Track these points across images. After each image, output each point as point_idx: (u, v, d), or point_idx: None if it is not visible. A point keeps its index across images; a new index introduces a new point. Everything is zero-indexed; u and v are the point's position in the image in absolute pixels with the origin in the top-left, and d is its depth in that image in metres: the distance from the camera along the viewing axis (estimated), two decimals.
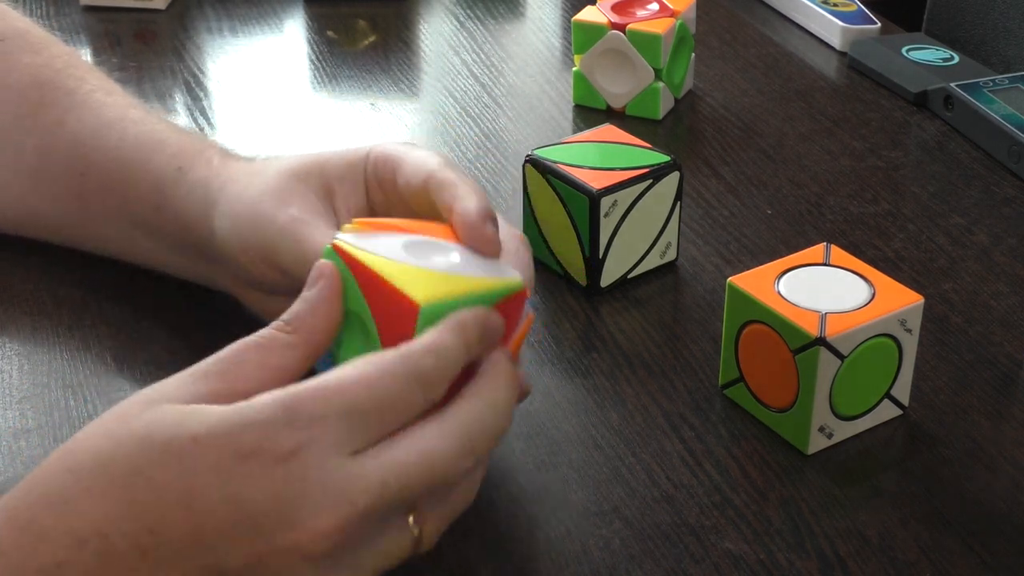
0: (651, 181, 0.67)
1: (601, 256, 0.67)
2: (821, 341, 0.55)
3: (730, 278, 0.59)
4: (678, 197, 0.69)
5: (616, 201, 0.66)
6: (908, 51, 0.92)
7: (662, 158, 0.68)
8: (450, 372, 0.46)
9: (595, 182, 0.66)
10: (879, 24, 0.96)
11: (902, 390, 0.59)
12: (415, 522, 0.45)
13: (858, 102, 0.89)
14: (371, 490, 0.42)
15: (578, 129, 0.84)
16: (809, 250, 0.61)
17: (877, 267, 0.60)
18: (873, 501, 0.56)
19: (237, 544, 0.41)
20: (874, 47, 0.92)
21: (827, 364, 0.55)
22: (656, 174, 0.67)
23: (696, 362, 0.64)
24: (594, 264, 0.67)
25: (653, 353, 0.64)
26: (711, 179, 0.79)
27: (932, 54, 0.92)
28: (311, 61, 0.95)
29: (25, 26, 0.70)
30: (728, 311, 0.59)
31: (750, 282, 0.58)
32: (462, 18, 1.00)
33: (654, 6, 0.85)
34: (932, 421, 0.60)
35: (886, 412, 0.59)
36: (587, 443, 0.58)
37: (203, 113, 0.86)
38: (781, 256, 0.61)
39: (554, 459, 0.57)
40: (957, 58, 0.91)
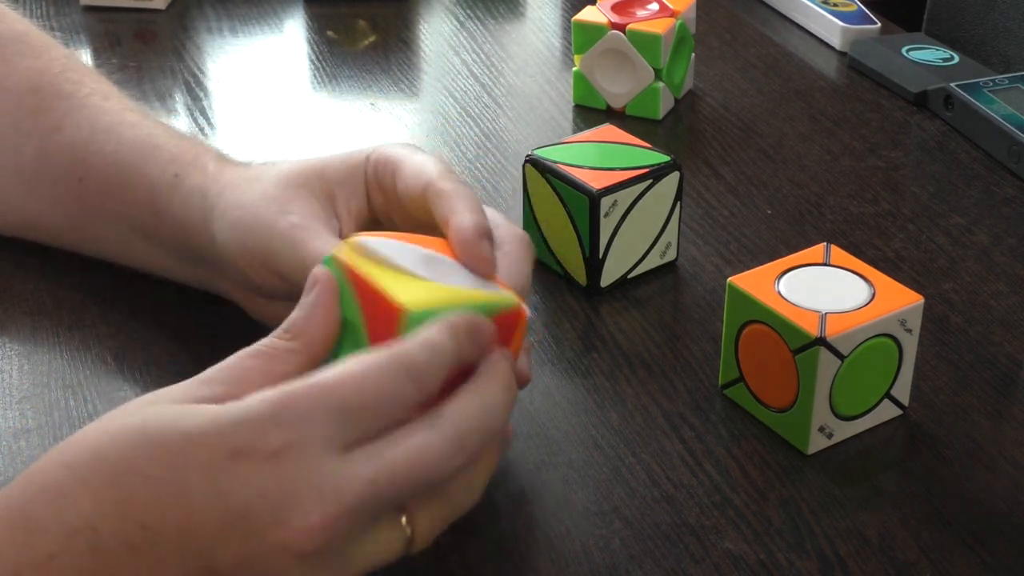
0: (651, 181, 0.67)
1: (601, 256, 0.67)
2: (821, 341, 0.55)
3: (730, 278, 0.59)
4: (678, 197, 0.69)
5: (616, 201, 0.66)
6: (908, 51, 0.91)
7: (662, 158, 0.68)
8: (441, 368, 0.45)
9: (595, 182, 0.66)
10: (879, 24, 0.96)
11: (902, 390, 0.59)
12: (407, 522, 0.45)
13: (858, 102, 0.89)
14: (360, 488, 0.42)
15: (578, 129, 0.84)
16: (809, 250, 0.61)
17: (877, 267, 0.60)
18: (873, 501, 0.56)
19: (227, 542, 0.41)
20: (874, 47, 0.92)
21: (827, 364, 0.55)
22: (656, 174, 0.67)
23: (696, 362, 0.64)
24: (594, 264, 0.67)
25: (653, 353, 0.64)
26: (711, 179, 0.79)
27: (932, 54, 0.92)
28: (311, 61, 0.95)
29: (24, 28, 0.70)
30: (728, 311, 0.59)
31: (750, 282, 0.58)
32: (462, 18, 1.00)
33: (654, 6, 0.85)
34: (932, 421, 0.60)
35: (886, 412, 0.59)
36: (587, 443, 0.58)
37: (203, 113, 0.86)
38: (781, 256, 0.61)
39: (554, 459, 0.57)
40: (957, 58, 0.91)
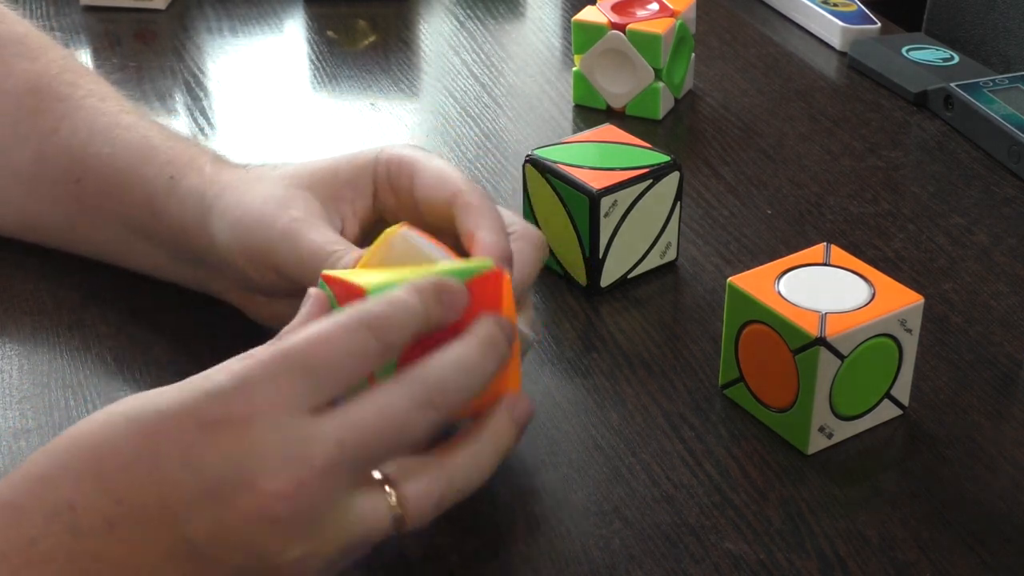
0: (651, 181, 0.67)
1: (601, 256, 0.67)
2: (821, 341, 0.55)
3: (730, 278, 0.59)
4: (678, 197, 0.69)
5: (616, 201, 0.66)
6: (908, 51, 0.91)
7: (662, 158, 0.68)
8: (404, 324, 0.46)
9: (595, 182, 0.66)
10: (879, 24, 0.96)
11: (902, 390, 0.59)
12: (394, 494, 0.45)
13: (858, 102, 0.89)
14: (329, 449, 0.43)
15: (578, 129, 0.84)
16: (809, 250, 0.61)
17: (877, 267, 0.60)
18: (873, 501, 0.56)
19: (201, 512, 0.42)
20: (874, 47, 0.92)
21: (827, 364, 0.55)
22: (656, 174, 0.67)
23: (696, 362, 0.64)
24: (594, 264, 0.67)
25: (653, 353, 0.64)
26: (711, 179, 0.79)
27: (932, 54, 0.91)
28: (311, 61, 0.95)
29: (24, 30, 0.70)
30: (728, 311, 0.59)
31: (750, 282, 0.58)
32: (462, 18, 1.00)
33: (654, 6, 0.85)
34: (932, 421, 0.60)
35: (886, 412, 0.59)
36: (587, 443, 0.58)
37: (203, 113, 0.86)
38: (781, 256, 0.61)
39: (554, 459, 0.57)
40: (957, 58, 0.91)
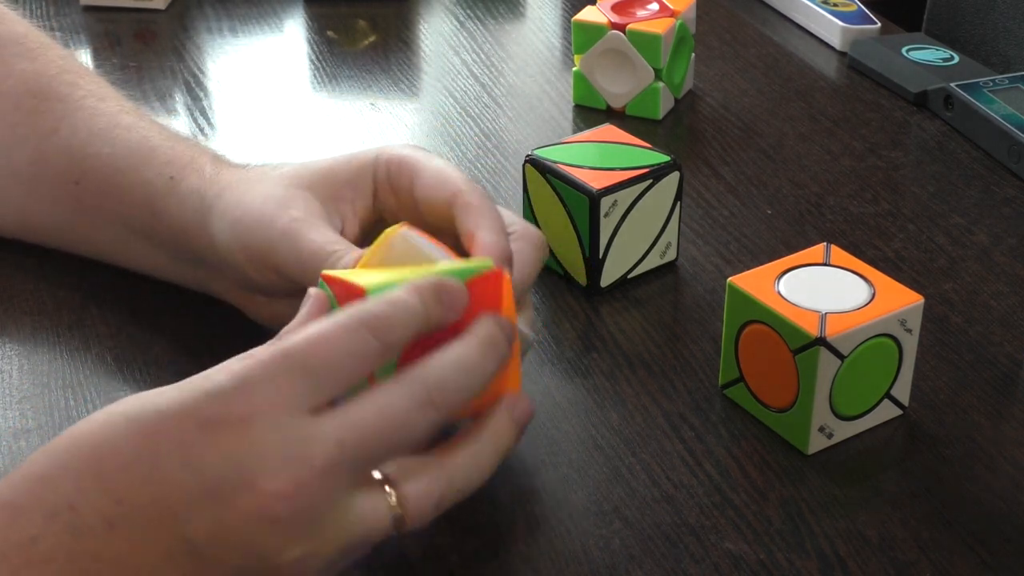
0: (651, 181, 0.67)
1: (601, 256, 0.67)
2: (821, 341, 0.55)
3: (730, 278, 0.59)
4: (678, 197, 0.69)
5: (616, 201, 0.66)
6: (908, 51, 0.91)
7: (662, 158, 0.68)
8: (405, 324, 0.46)
9: (595, 182, 0.66)
10: (879, 24, 0.96)
11: (902, 390, 0.59)
12: (394, 494, 0.45)
13: (858, 102, 0.89)
14: (329, 449, 0.43)
15: (578, 129, 0.84)
16: (809, 250, 0.61)
17: (877, 267, 0.60)
18: (873, 501, 0.56)
19: (201, 512, 0.42)
20: (874, 47, 0.92)
21: (827, 364, 0.55)
22: (656, 174, 0.67)
23: (696, 362, 0.64)
24: (594, 264, 0.67)
25: (653, 353, 0.64)
26: (711, 179, 0.79)
27: (932, 54, 0.91)
28: (311, 61, 0.95)
29: (23, 30, 0.70)
30: (728, 311, 0.59)
31: (750, 282, 0.58)
32: (462, 18, 1.00)
33: (654, 6, 0.85)
34: (932, 421, 0.60)
35: (886, 412, 0.59)
36: (587, 443, 0.58)
37: (203, 113, 0.86)
38: (781, 256, 0.61)
39: (554, 459, 0.57)
40: (957, 58, 0.91)
